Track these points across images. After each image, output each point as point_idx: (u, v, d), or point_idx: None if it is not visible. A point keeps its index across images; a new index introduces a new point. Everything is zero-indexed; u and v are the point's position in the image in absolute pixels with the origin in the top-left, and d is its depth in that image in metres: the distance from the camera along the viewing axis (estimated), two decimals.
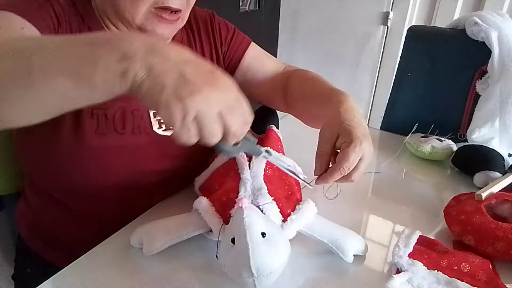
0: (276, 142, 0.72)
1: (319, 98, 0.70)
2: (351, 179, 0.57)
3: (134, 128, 0.67)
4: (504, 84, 0.87)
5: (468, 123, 0.95)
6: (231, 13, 1.79)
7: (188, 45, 0.77)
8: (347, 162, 0.55)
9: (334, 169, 0.56)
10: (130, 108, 0.67)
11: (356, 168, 0.56)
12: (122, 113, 0.66)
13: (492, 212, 0.64)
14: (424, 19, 1.82)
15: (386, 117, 1.14)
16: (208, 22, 0.80)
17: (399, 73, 1.10)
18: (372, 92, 1.99)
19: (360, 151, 0.55)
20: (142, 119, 0.68)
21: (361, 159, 0.56)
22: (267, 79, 0.82)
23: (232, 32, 0.83)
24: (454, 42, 1.01)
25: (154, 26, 0.63)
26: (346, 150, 0.55)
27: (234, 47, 0.82)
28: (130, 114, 0.67)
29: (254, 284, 0.46)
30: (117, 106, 0.65)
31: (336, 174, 0.56)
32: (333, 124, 0.59)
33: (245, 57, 0.82)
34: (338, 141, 0.58)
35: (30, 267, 0.80)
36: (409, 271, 0.51)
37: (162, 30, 0.64)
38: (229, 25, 0.83)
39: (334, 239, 0.55)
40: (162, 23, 0.63)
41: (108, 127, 0.65)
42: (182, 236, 0.57)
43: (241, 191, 0.57)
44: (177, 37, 0.75)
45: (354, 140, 0.55)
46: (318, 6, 1.99)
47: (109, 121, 0.65)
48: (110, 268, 0.55)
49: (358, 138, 0.56)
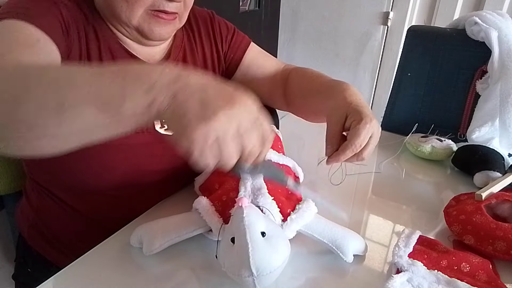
0: (276, 142, 0.72)
1: (321, 90, 0.70)
2: (362, 157, 0.58)
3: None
4: (504, 84, 0.87)
5: (468, 123, 0.95)
6: (231, 13, 1.79)
7: (189, 45, 0.77)
8: (358, 138, 0.55)
9: (346, 146, 0.57)
10: None
11: (367, 146, 0.57)
12: None
13: (492, 212, 0.64)
14: (424, 19, 1.82)
15: (386, 117, 1.14)
16: (208, 22, 0.80)
17: (399, 73, 1.10)
18: (372, 92, 1.99)
19: (370, 128, 0.56)
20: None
21: (371, 137, 0.57)
22: (268, 78, 0.83)
23: (232, 31, 0.83)
24: (454, 42, 1.01)
25: (151, 26, 0.63)
26: (357, 127, 0.56)
27: (235, 46, 0.82)
28: None
29: (254, 283, 0.46)
30: None
31: (348, 151, 0.56)
32: (341, 107, 0.60)
33: (246, 57, 0.83)
34: (347, 121, 0.58)
35: (31, 266, 0.80)
36: (409, 271, 0.51)
37: (160, 30, 0.64)
38: (229, 25, 0.84)
39: (334, 239, 0.55)
40: (159, 22, 0.63)
41: None
42: (182, 236, 0.57)
43: (241, 191, 0.57)
44: (177, 38, 0.76)
45: (364, 118, 0.56)
46: (318, 6, 1.99)
47: None
48: (110, 268, 0.55)
49: (367, 116, 0.57)
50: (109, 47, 0.66)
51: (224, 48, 0.82)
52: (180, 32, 0.76)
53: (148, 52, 0.71)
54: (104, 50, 0.65)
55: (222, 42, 0.81)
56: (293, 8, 2.08)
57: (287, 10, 2.11)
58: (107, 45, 0.66)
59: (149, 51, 0.71)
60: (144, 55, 0.70)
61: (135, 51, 0.69)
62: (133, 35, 0.67)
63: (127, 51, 0.68)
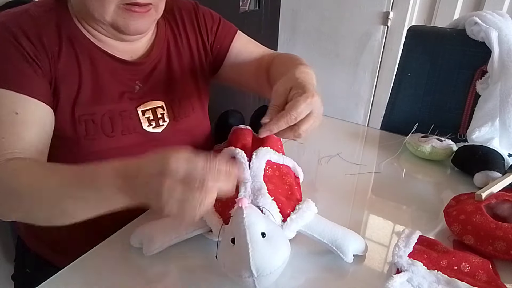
0: (276, 142, 0.72)
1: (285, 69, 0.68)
2: (299, 133, 0.54)
3: (124, 129, 0.67)
4: (504, 84, 0.87)
5: (468, 123, 0.95)
6: (231, 13, 1.79)
7: (173, 37, 0.76)
8: (295, 110, 0.52)
9: (281, 116, 0.53)
10: (117, 110, 0.67)
11: (305, 121, 0.53)
12: (110, 116, 0.66)
13: (492, 212, 0.64)
14: (424, 19, 1.81)
15: (386, 117, 1.14)
16: (192, 13, 0.79)
17: (399, 73, 1.10)
18: (372, 92, 1.98)
19: (310, 103, 0.53)
20: (131, 119, 0.68)
21: (311, 113, 0.54)
22: (255, 66, 0.81)
23: (218, 21, 0.82)
24: (454, 42, 1.01)
25: (126, 21, 0.62)
26: (297, 98, 0.53)
27: (221, 36, 0.81)
28: (118, 116, 0.67)
29: (254, 284, 0.46)
30: (105, 110, 0.66)
31: (282, 121, 0.53)
32: (288, 80, 0.58)
33: (233, 46, 0.82)
34: (290, 94, 0.56)
35: (30, 267, 0.80)
36: (409, 271, 0.51)
37: (136, 23, 0.63)
38: (214, 15, 0.82)
39: (334, 239, 0.55)
40: (133, 16, 0.62)
41: (97, 132, 0.65)
42: (182, 236, 0.57)
43: (241, 191, 0.57)
44: (160, 30, 0.75)
45: (307, 92, 0.54)
46: (318, 6, 1.98)
47: (97, 126, 0.65)
48: (110, 268, 0.55)
49: (310, 91, 0.54)
50: (88, 54, 0.65)
51: (210, 39, 0.80)
52: (163, 24, 0.75)
53: (130, 47, 0.70)
54: (82, 58, 0.65)
55: (208, 33, 0.80)
56: (293, 8, 2.08)
57: (287, 10, 2.10)
58: (85, 53, 0.65)
59: (131, 47, 0.70)
60: (126, 52, 0.70)
61: (115, 49, 0.68)
62: (111, 32, 0.66)
63: (106, 52, 0.67)
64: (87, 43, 0.65)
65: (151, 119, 0.71)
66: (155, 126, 0.71)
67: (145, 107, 0.70)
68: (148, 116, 0.71)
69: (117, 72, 0.68)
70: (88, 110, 0.65)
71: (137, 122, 0.69)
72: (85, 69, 0.64)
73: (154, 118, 0.71)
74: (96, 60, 0.66)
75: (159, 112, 0.72)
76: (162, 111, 0.72)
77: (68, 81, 0.63)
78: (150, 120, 0.71)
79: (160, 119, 0.72)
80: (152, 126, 0.71)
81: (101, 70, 0.66)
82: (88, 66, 0.65)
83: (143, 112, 0.70)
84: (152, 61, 0.72)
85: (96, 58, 0.66)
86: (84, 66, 0.65)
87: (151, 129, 0.71)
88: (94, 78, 0.65)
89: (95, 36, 0.66)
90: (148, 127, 0.70)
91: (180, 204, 0.42)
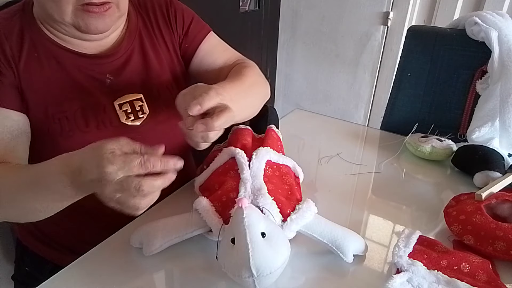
0: (276, 142, 0.72)
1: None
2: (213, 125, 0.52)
3: (99, 123, 0.67)
4: (504, 84, 0.87)
5: (468, 123, 0.95)
6: (231, 13, 1.79)
7: (146, 30, 0.76)
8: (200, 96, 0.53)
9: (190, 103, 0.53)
10: (89, 105, 0.67)
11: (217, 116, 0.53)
12: (82, 111, 0.66)
13: (492, 212, 0.64)
14: (424, 19, 1.81)
15: (386, 117, 1.14)
16: (163, 8, 0.78)
17: (399, 73, 1.10)
18: (372, 92, 1.98)
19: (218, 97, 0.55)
20: (105, 113, 0.68)
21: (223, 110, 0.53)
22: (217, 72, 0.80)
23: (190, 20, 0.80)
24: (454, 42, 1.01)
25: (86, 21, 0.62)
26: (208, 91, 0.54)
27: (191, 36, 0.80)
28: (91, 110, 0.67)
29: (254, 284, 0.46)
30: (76, 105, 0.66)
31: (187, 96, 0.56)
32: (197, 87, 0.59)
33: (201, 48, 0.80)
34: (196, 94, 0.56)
35: (29, 265, 0.80)
36: (409, 271, 0.51)
37: (96, 23, 0.63)
38: (187, 13, 0.81)
39: (334, 239, 0.55)
40: (92, 16, 0.62)
41: (71, 128, 0.65)
42: (182, 236, 0.57)
43: (241, 191, 0.57)
44: (131, 23, 0.74)
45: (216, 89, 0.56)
46: (318, 6, 1.98)
47: (71, 122, 0.65)
48: (110, 268, 0.55)
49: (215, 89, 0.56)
50: (52, 55, 0.66)
51: (180, 36, 0.79)
52: (135, 18, 0.75)
53: (99, 44, 0.70)
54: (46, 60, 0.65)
55: (177, 30, 0.79)
56: (293, 8, 2.08)
57: (287, 10, 2.10)
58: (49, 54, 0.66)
59: (99, 43, 0.70)
60: (94, 48, 0.69)
61: (81, 47, 0.68)
62: (74, 33, 0.66)
63: (71, 50, 0.67)
64: (50, 45, 0.66)
65: (129, 112, 0.70)
66: (133, 119, 0.71)
67: (122, 100, 0.70)
68: (126, 109, 0.70)
69: (85, 67, 0.68)
70: (60, 108, 0.65)
71: (113, 115, 0.69)
72: (50, 70, 0.65)
73: (132, 111, 0.71)
74: (62, 59, 0.66)
75: (138, 105, 0.71)
76: (141, 103, 0.72)
77: (34, 85, 0.64)
78: (128, 113, 0.70)
79: (139, 111, 0.71)
80: (131, 119, 0.70)
81: (69, 68, 0.67)
82: (54, 66, 0.66)
83: (120, 105, 0.70)
84: (123, 54, 0.72)
85: (61, 57, 0.66)
86: (49, 67, 0.65)
87: (129, 122, 0.70)
88: (62, 76, 0.66)
89: (59, 37, 0.67)
90: (127, 120, 0.70)
91: (121, 205, 0.46)
